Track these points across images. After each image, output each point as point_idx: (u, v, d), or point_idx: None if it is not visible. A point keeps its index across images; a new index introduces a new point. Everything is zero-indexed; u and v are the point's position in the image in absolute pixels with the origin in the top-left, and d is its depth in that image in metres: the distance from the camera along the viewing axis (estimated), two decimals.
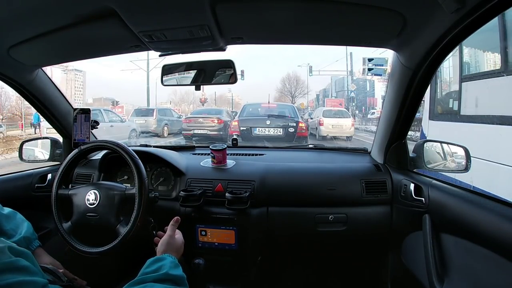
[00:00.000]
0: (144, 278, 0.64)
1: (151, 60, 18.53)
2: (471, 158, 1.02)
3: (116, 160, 1.22)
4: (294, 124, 6.17)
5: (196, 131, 8.04)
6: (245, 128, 6.14)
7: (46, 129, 7.53)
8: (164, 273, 0.66)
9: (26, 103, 1.31)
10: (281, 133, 6.08)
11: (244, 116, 6.65)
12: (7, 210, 0.89)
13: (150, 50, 1.01)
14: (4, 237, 0.77)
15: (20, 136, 12.48)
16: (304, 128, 6.38)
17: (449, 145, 1.19)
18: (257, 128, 6.13)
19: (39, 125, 11.30)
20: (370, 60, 13.12)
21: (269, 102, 7.92)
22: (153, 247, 0.89)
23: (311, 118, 11.16)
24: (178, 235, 0.89)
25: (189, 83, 1.16)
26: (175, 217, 0.91)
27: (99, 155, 1.38)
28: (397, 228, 1.15)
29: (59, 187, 1.07)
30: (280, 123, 6.17)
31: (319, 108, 12.52)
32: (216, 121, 8.19)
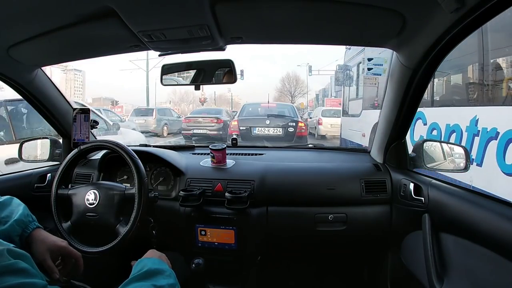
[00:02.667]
0: (130, 279, 0.66)
1: (151, 60, 18.57)
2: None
3: (116, 160, 1.22)
4: (294, 124, 6.17)
5: (195, 131, 8.06)
6: (244, 128, 6.14)
7: None
8: (146, 270, 0.67)
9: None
10: (281, 133, 6.09)
11: (243, 116, 6.65)
12: (4, 197, 0.82)
13: (150, 50, 1.00)
14: None
15: None
16: (304, 127, 6.39)
17: (448, 144, 1.20)
18: (257, 128, 6.13)
19: None
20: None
21: (268, 101, 7.89)
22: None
23: (311, 118, 11.16)
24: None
25: (188, 82, 1.16)
26: None
27: (98, 155, 1.38)
28: (396, 228, 1.15)
29: (58, 187, 1.07)
30: (280, 123, 6.17)
31: (319, 108, 12.52)
32: (215, 121, 8.19)
